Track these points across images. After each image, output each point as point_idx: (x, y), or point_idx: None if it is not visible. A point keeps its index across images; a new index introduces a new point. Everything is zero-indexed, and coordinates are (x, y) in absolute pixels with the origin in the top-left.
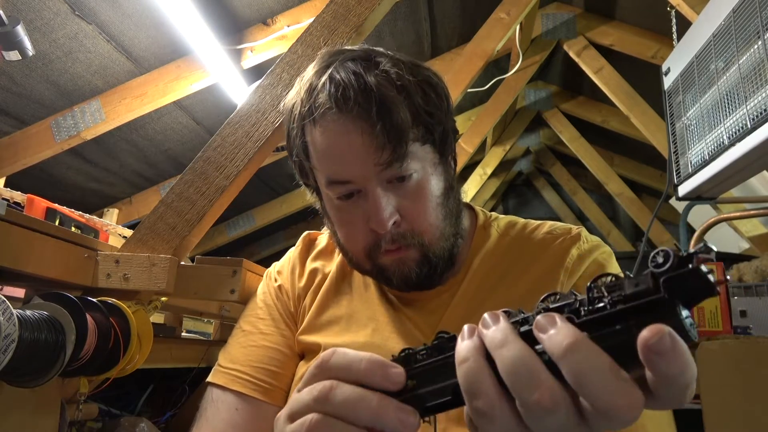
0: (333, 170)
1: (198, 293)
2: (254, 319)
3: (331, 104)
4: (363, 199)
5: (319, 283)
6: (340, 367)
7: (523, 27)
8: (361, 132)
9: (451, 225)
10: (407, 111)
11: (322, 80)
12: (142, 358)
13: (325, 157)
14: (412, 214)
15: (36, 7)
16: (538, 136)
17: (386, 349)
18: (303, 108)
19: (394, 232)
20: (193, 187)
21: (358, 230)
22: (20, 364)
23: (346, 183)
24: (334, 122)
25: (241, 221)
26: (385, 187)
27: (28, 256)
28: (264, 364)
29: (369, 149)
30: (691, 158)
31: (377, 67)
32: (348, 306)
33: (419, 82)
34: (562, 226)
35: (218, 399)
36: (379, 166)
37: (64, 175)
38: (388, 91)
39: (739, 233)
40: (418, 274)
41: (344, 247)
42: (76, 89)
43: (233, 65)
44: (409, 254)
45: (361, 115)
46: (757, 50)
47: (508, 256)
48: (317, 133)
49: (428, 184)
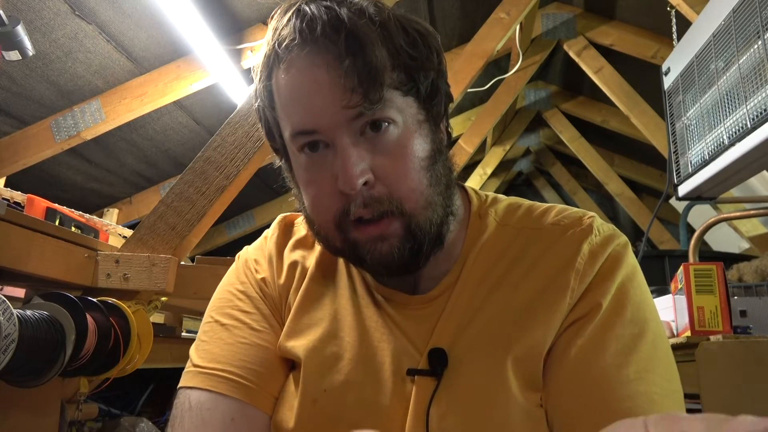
0: (298, 117)
1: (198, 293)
2: (236, 311)
3: (294, 35)
4: (332, 153)
5: (300, 279)
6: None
7: (523, 27)
8: (327, 67)
9: (440, 194)
10: (384, 50)
11: (287, 15)
12: (142, 358)
13: (289, 102)
14: (389, 173)
15: (36, 7)
16: (538, 136)
17: (376, 364)
18: (267, 50)
19: (366, 194)
20: (193, 187)
21: (327, 193)
22: (20, 364)
23: (311, 133)
24: (298, 57)
25: (241, 221)
26: (356, 140)
27: (28, 256)
28: (257, 366)
29: (336, 89)
30: (691, 158)
31: (350, 4)
32: (331, 306)
33: (403, 25)
34: (571, 214)
35: (203, 407)
36: (348, 110)
37: (64, 175)
38: (362, 25)
39: (739, 233)
40: (400, 253)
41: (311, 219)
42: (76, 89)
43: (233, 65)
44: (390, 228)
45: (328, 48)
46: (757, 50)
47: (508, 253)
48: (281, 73)
49: (409, 141)
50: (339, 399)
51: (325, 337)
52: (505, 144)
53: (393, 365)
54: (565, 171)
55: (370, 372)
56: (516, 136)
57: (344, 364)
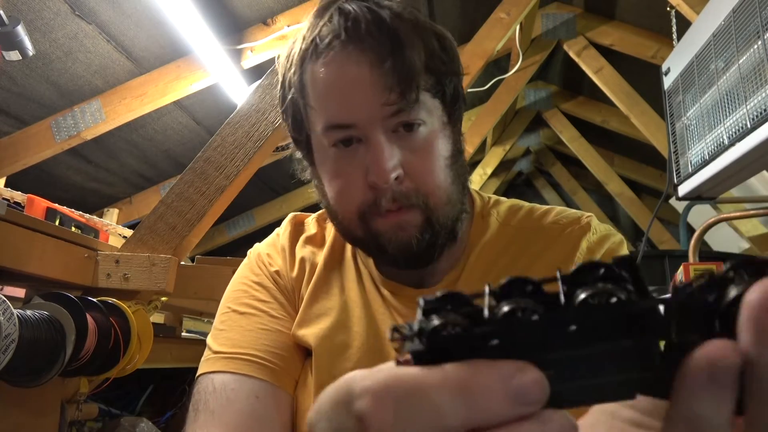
0: (334, 110)
1: (198, 293)
2: (253, 301)
3: (339, 32)
4: (364, 148)
5: (310, 273)
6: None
7: (523, 27)
8: (370, 65)
9: (458, 192)
10: (422, 53)
11: (329, 13)
12: (142, 358)
13: (326, 95)
14: (418, 170)
15: (36, 7)
16: (538, 136)
17: (384, 353)
18: (304, 44)
19: (395, 189)
20: (193, 187)
21: (354, 185)
22: (20, 363)
23: (346, 127)
24: (340, 54)
25: (241, 221)
26: (389, 136)
27: (28, 256)
28: (279, 350)
29: (377, 88)
30: (691, 158)
31: (389, 7)
32: (340, 298)
33: (434, 30)
34: (570, 215)
35: (227, 387)
36: (387, 108)
37: (64, 175)
38: (403, 27)
39: (739, 233)
40: (419, 242)
41: (334, 209)
42: (76, 89)
43: (233, 65)
44: (410, 217)
45: (373, 47)
46: (756, 50)
47: (509, 251)
48: (319, 67)
49: (436, 141)
50: None
51: (335, 327)
52: (505, 144)
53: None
54: (565, 171)
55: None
56: (516, 136)
57: (353, 352)
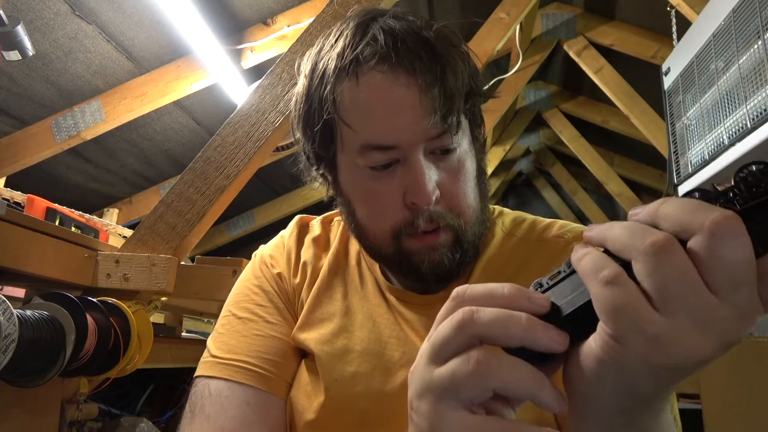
0: (377, 132)
1: (198, 293)
2: (252, 305)
3: (388, 53)
4: (402, 168)
5: (313, 277)
6: (481, 295)
7: (523, 27)
8: (419, 89)
9: (484, 210)
10: (465, 77)
11: (371, 31)
12: (142, 358)
13: (369, 115)
14: (453, 191)
15: (36, 7)
16: (538, 136)
17: (385, 357)
18: (341, 61)
19: (433, 209)
20: (193, 187)
21: (391, 205)
22: (20, 363)
23: (388, 149)
24: (389, 75)
25: (241, 221)
26: (427, 157)
27: (28, 256)
28: (272, 356)
29: (419, 109)
30: (691, 158)
31: (428, 26)
32: (342, 302)
33: (466, 50)
34: (573, 229)
35: (221, 394)
36: (433, 130)
37: (64, 175)
38: (446, 49)
39: None
40: (451, 261)
41: (364, 228)
42: (76, 89)
43: (233, 65)
44: (442, 238)
45: (422, 71)
46: (757, 50)
47: (513, 261)
48: (361, 87)
49: (467, 161)
50: (348, 388)
51: (337, 331)
52: (505, 144)
53: (402, 359)
54: (565, 171)
55: (379, 365)
56: (516, 136)
57: (354, 356)
